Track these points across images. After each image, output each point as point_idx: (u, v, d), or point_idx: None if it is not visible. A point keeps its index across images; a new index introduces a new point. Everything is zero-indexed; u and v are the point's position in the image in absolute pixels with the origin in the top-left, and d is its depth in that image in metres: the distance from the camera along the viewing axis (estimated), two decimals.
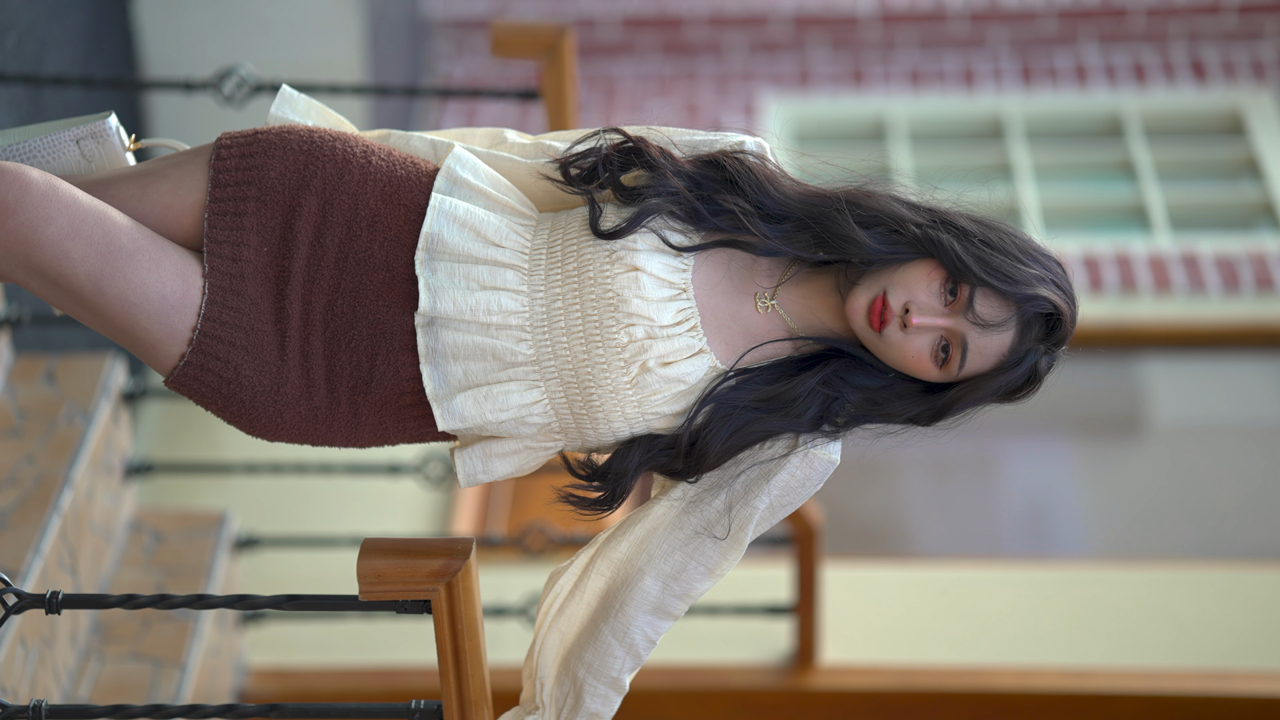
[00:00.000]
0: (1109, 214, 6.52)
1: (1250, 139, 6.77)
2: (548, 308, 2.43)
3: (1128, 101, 6.92)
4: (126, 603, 2.57)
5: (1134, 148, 6.73)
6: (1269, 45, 7.05)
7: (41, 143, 2.52)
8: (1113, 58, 7.07)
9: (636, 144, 2.51)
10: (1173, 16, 7.07)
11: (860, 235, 2.42)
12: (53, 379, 3.85)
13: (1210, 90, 6.95)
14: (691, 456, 2.43)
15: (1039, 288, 2.38)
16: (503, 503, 5.10)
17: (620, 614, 2.50)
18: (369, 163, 2.51)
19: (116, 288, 2.37)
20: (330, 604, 2.58)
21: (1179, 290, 6.00)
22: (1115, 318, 5.93)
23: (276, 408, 2.45)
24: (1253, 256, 6.12)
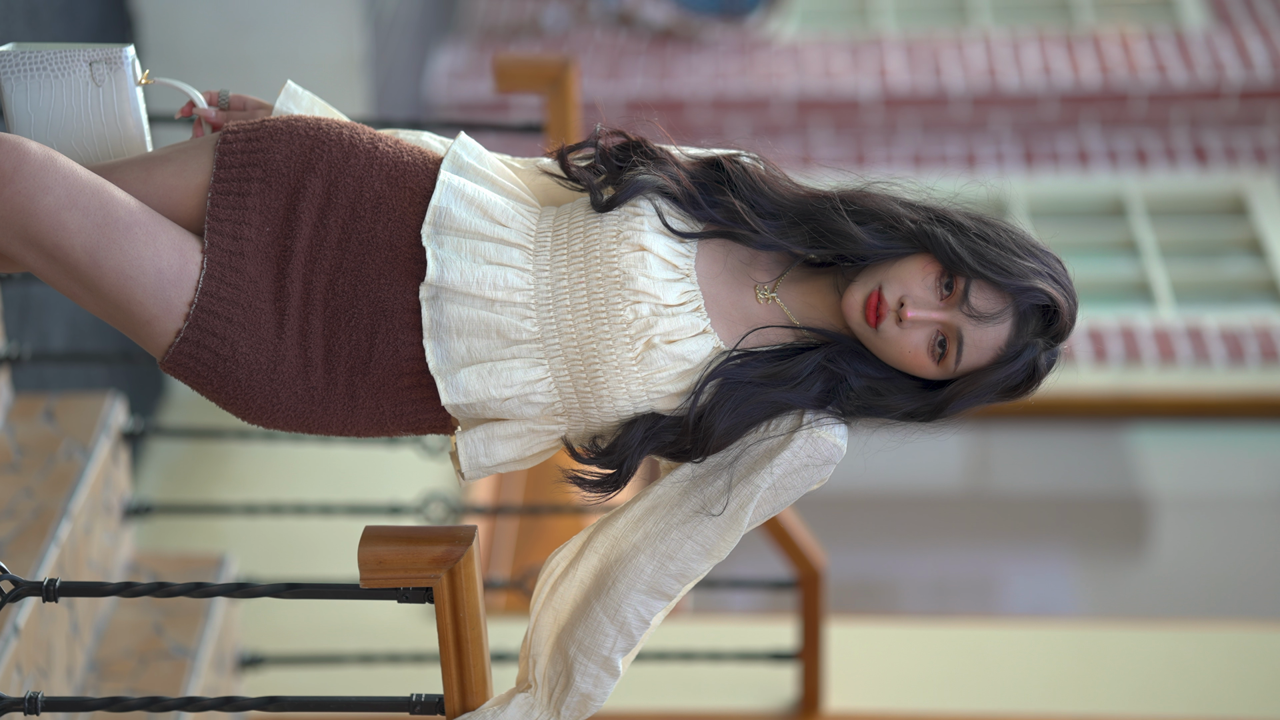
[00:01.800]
0: (1113, 290, 6.52)
1: (1253, 219, 6.78)
2: (553, 286, 2.42)
3: (1130, 184, 6.95)
4: (124, 590, 2.54)
5: (1137, 227, 6.74)
6: (1270, 131, 7.08)
7: (54, 56, 2.49)
8: (1115, 142, 7.11)
9: (636, 141, 2.53)
10: (1174, 102, 7.11)
11: (855, 230, 2.43)
12: (52, 417, 3.82)
13: (1212, 174, 6.97)
14: (698, 433, 2.41)
15: (1035, 280, 2.37)
16: (506, 545, 5.06)
17: (612, 591, 2.46)
18: (375, 148, 2.51)
19: (113, 260, 2.36)
20: (331, 592, 2.54)
21: (1184, 362, 5.99)
22: (1119, 388, 5.91)
23: (273, 387, 2.43)
24: (1258, 330, 6.11)
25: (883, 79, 7.21)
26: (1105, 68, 7.17)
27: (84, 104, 2.51)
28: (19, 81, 2.48)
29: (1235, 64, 7.15)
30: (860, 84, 7.17)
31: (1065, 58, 7.27)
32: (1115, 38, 7.40)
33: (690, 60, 7.39)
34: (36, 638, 3.31)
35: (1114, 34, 7.45)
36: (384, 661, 4.17)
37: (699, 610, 5.16)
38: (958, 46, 7.41)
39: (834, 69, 7.28)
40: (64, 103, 2.50)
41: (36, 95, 2.49)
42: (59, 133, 2.52)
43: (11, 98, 2.49)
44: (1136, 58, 7.23)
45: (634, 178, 2.48)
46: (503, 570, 4.98)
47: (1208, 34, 7.43)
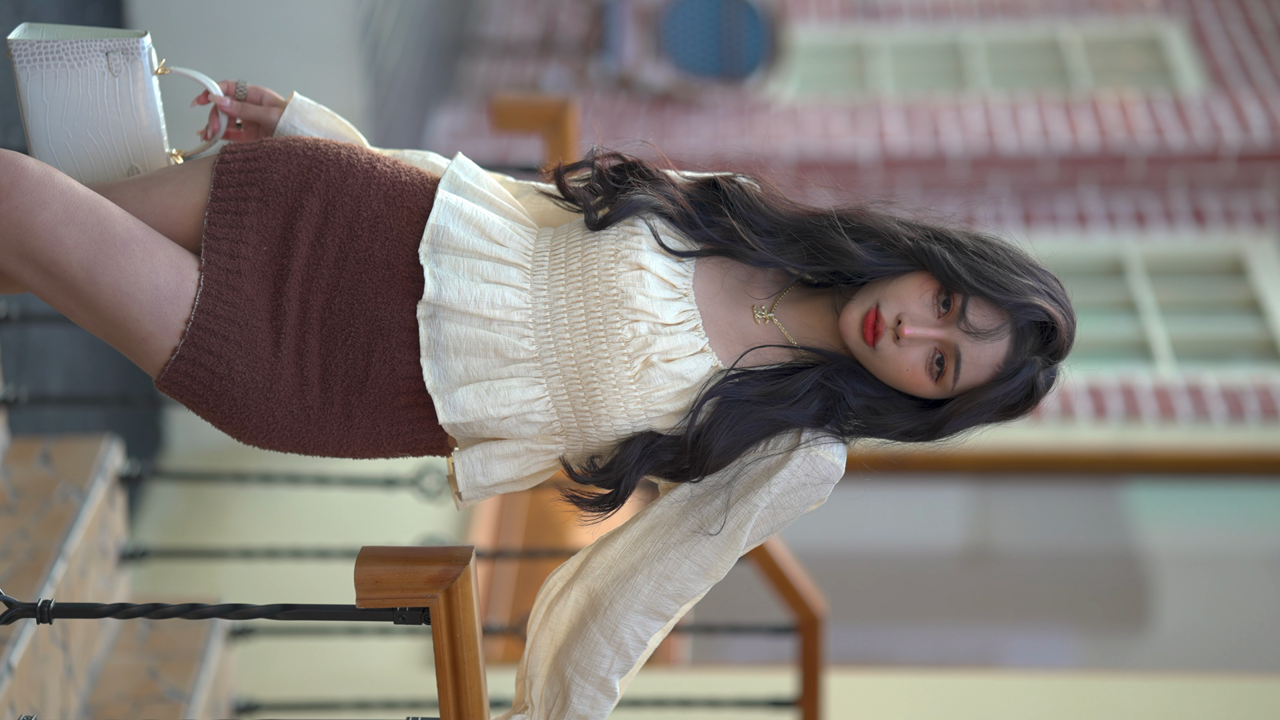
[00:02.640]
0: (1113, 348, 6.52)
1: (1252, 279, 6.79)
2: (551, 305, 2.41)
3: (1129, 245, 6.95)
4: (119, 612, 2.51)
5: (1136, 287, 6.75)
6: (1268, 194, 7.10)
7: (70, 46, 2.46)
8: (1113, 204, 7.12)
9: (633, 162, 2.53)
10: (1172, 165, 7.13)
11: (852, 247, 2.42)
12: (48, 460, 3.81)
13: (1210, 236, 6.98)
14: (695, 452, 2.40)
15: (1032, 297, 2.36)
16: (505, 590, 5.03)
17: (609, 612, 2.44)
18: (373, 168, 2.51)
19: (109, 276, 2.35)
20: (327, 613, 2.52)
21: (1183, 419, 5.97)
22: (1119, 444, 5.89)
23: (268, 406, 2.41)
24: (1258, 388, 6.10)
25: (881, 140, 7.23)
26: (1103, 130, 7.19)
27: (100, 94, 2.49)
28: (34, 70, 2.46)
29: (1233, 127, 7.17)
30: (859, 145, 7.19)
31: (1063, 120, 7.29)
32: (1113, 101, 7.43)
33: (690, 122, 7.41)
34: (30, 677, 3.28)
35: (1111, 98, 7.47)
36: (380, 708, 4.14)
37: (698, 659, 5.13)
38: (956, 109, 7.43)
39: (833, 131, 7.30)
40: (79, 92, 2.48)
41: (52, 85, 2.47)
42: (74, 122, 2.50)
43: (27, 87, 2.47)
44: (1134, 121, 7.25)
45: (629, 197, 2.47)
46: (501, 616, 4.95)
47: (1205, 98, 7.46)
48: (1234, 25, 8.11)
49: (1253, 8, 8.25)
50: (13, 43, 2.44)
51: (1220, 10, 8.24)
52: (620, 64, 7.65)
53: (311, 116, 2.61)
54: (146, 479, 3.96)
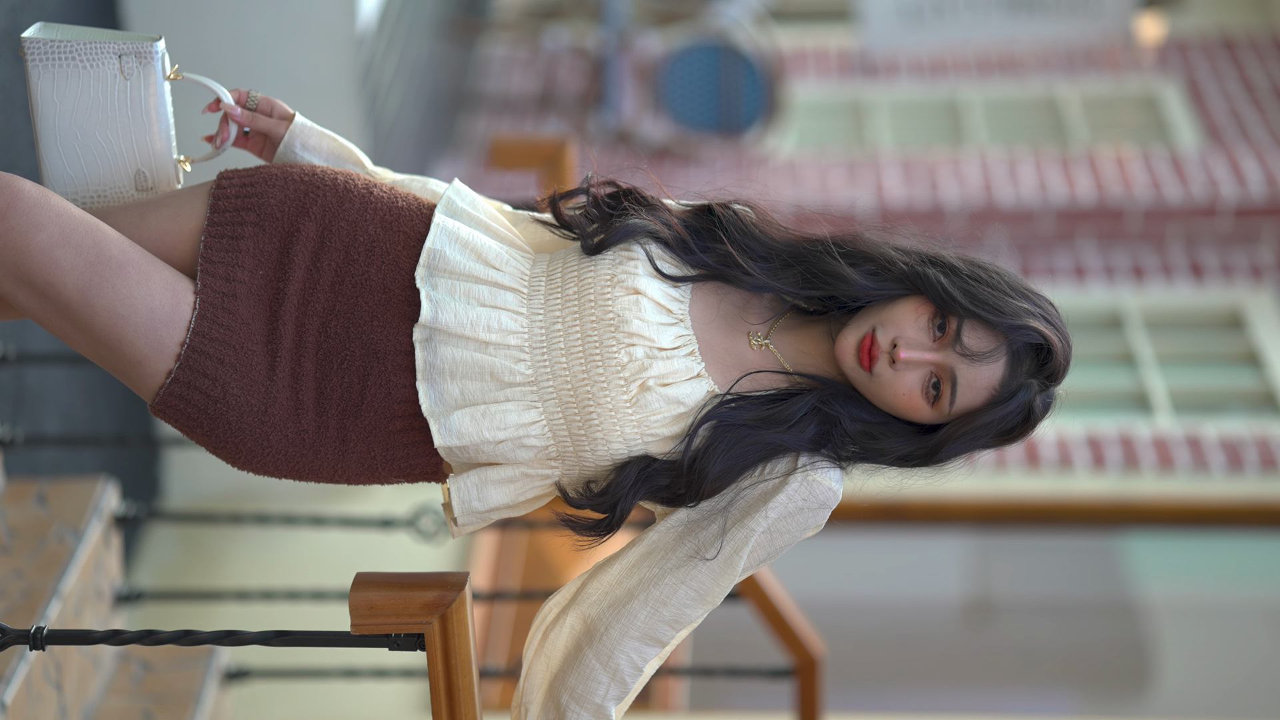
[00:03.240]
0: (1111, 399, 6.51)
1: (1250, 332, 6.78)
2: (547, 330, 2.41)
3: (1127, 298, 6.95)
4: (111, 639, 2.50)
5: (1134, 339, 6.74)
6: (1266, 248, 7.10)
7: (83, 47, 2.46)
8: (1111, 258, 7.12)
9: (628, 189, 2.53)
10: (1169, 219, 7.13)
11: (847, 271, 2.42)
12: (44, 501, 3.80)
13: (1208, 289, 6.98)
14: (691, 476, 2.39)
15: (1028, 319, 2.36)
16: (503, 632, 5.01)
17: (605, 638, 2.43)
18: (370, 194, 2.51)
19: (105, 299, 2.34)
20: (322, 640, 2.51)
21: (1182, 469, 5.96)
22: (1118, 494, 5.88)
23: (263, 430, 2.40)
24: (1257, 439, 6.09)
25: (879, 194, 7.24)
26: (1100, 185, 7.20)
27: (110, 96, 2.48)
28: (46, 69, 2.45)
29: (1230, 181, 7.19)
30: (857, 199, 7.20)
31: (1061, 174, 7.30)
32: (1110, 156, 7.44)
33: (688, 176, 7.43)
34: (24, 716, 3.26)
35: (1109, 153, 7.49)
36: None
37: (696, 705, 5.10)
38: (954, 163, 7.45)
39: (830, 184, 7.32)
40: (90, 94, 2.47)
41: (63, 85, 2.46)
42: (83, 122, 2.49)
43: (38, 85, 2.46)
44: (1131, 175, 7.27)
45: (624, 221, 2.47)
46: (499, 659, 4.93)
47: (1202, 154, 7.47)
48: (1230, 83, 8.14)
49: (1248, 66, 8.27)
50: (26, 40, 2.44)
51: (1216, 69, 8.27)
52: (619, 119, 7.67)
53: (312, 140, 2.61)
54: (144, 521, 3.96)
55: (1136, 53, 8.37)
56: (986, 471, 5.89)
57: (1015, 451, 5.97)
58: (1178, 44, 8.51)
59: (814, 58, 8.56)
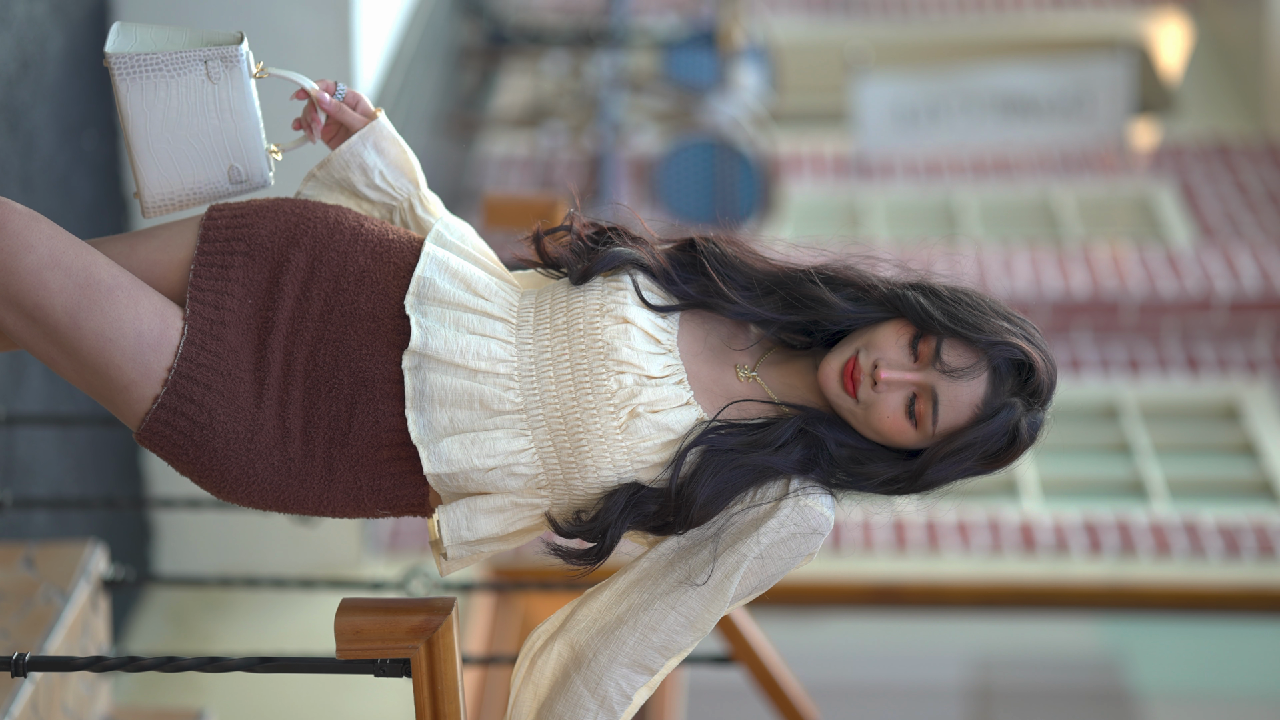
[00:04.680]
0: (1107, 487, 6.49)
1: (1246, 423, 6.77)
2: (536, 359, 2.40)
3: (1123, 390, 6.94)
4: (95, 665, 2.47)
5: (1130, 429, 6.73)
6: (1262, 343, 7.09)
7: (168, 58, 2.44)
8: (1107, 350, 7.12)
9: (613, 227, 2.54)
10: (1164, 313, 7.14)
11: (827, 295, 2.43)
12: (31, 564, 3.77)
13: (1204, 382, 6.97)
14: (680, 501, 2.37)
15: (1007, 337, 2.36)
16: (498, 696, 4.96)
17: (593, 664, 2.40)
18: (360, 226, 2.52)
19: (93, 322, 2.33)
20: (306, 666, 2.48)
21: (1179, 554, 5.93)
22: (1114, 578, 5.84)
23: (249, 458, 2.39)
24: (1255, 526, 6.06)
25: None
26: (1095, 278, 7.21)
27: (199, 101, 2.46)
28: (134, 82, 2.44)
29: (1225, 276, 7.20)
30: None
31: (1055, 268, 7.31)
32: (1105, 251, 7.46)
33: None
34: None
35: (1104, 248, 7.51)
36: None
37: None
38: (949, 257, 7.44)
39: None
40: (179, 101, 2.46)
41: (152, 95, 2.45)
42: (174, 128, 2.48)
43: (127, 98, 2.44)
44: (1126, 269, 7.28)
45: (610, 249, 2.48)
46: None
47: (1196, 249, 7.49)
48: (1224, 186, 8.17)
49: (1242, 170, 8.31)
50: (111, 56, 2.43)
51: (1210, 173, 8.31)
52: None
53: (384, 144, 2.60)
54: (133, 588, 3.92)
55: (1131, 157, 8.41)
56: (982, 555, 5.86)
57: (1011, 535, 5.94)
58: (1172, 148, 8.56)
59: (810, 160, 8.60)
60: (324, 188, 2.62)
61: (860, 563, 5.79)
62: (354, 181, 2.60)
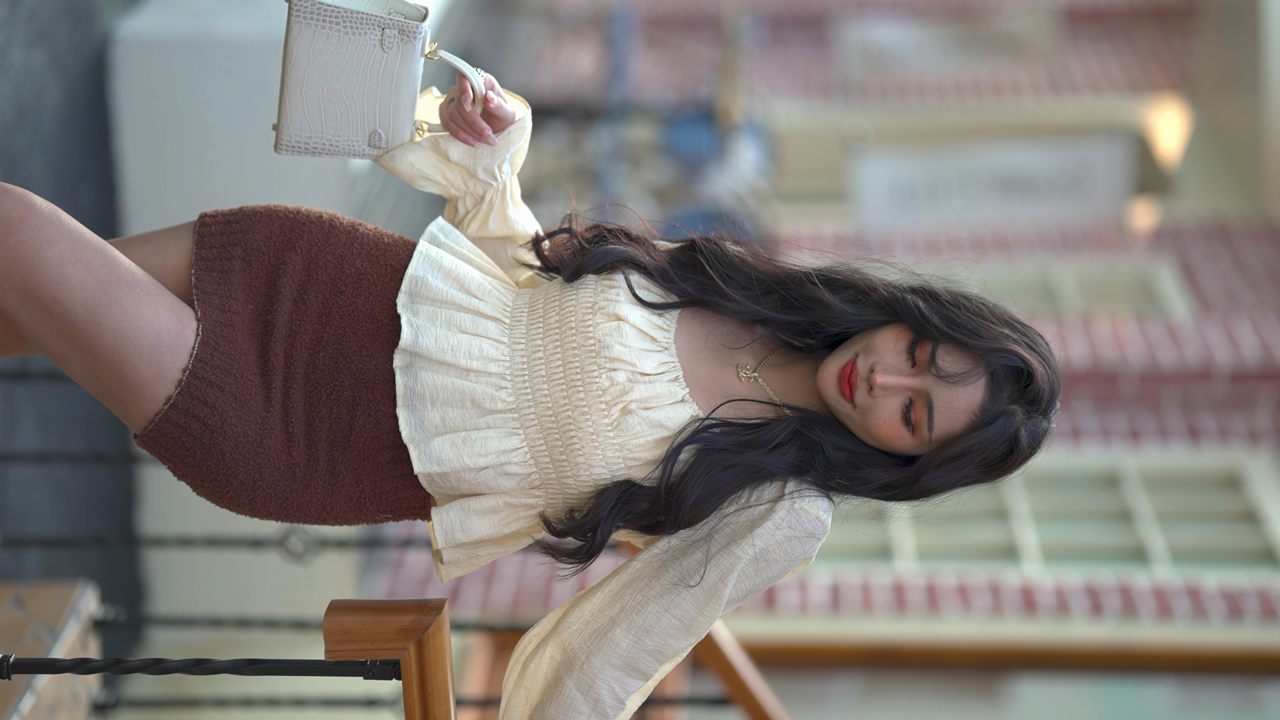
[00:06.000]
0: (1108, 553, 6.45)
1: (1248, 491, 6.73)
2: (528, 358, 2.38)
3: (1124, 459, 6.91)
4: (79, 667, 2.43)
5: (1131, 497, 6.69)
6: (1263, 413, 7.06)
7: (349, 15, 2.42)
8: (1108, 420, 7.09)
9: (616, 232, 2.52)
10: (1165, 383, 7.11)
11: (826, 296, 2.41)
12: (21, 604, 3.73)
13: (1205, 451, 6.93)
14: (670, 499, 2.34)
15: (1006, 344, 2.33)
16: None
17: (586, 666, 2.37)
18: (356, 230, 2.51)
19: (113, 318, 2.30)
20: (294, 668, 2.44)
21: (1181, 617, 5.87)
22: (1115, 640, 5.79)
23: (256, 462, 2.36)
24: (1258, 590, 6.01)
25: None
26: (1095, 348, 7.19)
27: (366, 64, 2.44)
28: (307, 27, 2.42)
29: (1225, 346, 7.18)
30: None
31: (1055, 337, 7.30)
32: (1104, 322, 7.45)
33: None
34: None
35: (1103, 319, 7.49)
36: None
37: None
38: None
39: None
40: (346, 58, 2.44)
41: (322, 44, 2.43)
42: (332, 81, 2.46)
43: (297, 40, 2.42)
44: (1126, 339, 7.26)
45: (603, 246, 2.46)
46: None
47: (1196, 320, 7.48)
48: (1223, 264, 8.17)
49: (1242, 249, 8.31)
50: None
51: (1210, 251, 8.31)
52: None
53: (524, 142, 2.58)
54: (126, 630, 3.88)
55: (1130, 235, 8.42)
56: (983, 616, 5.82)
57: (1012, 597, 5.90)
58: (1171, 228, 8.56)
59: (809, 238, 8.61)
60: (427, 146, 2.57)
61: (860, 623, 5.74)
62: (478, 159, 2.56)
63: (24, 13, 4.16)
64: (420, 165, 2.55)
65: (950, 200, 8.03)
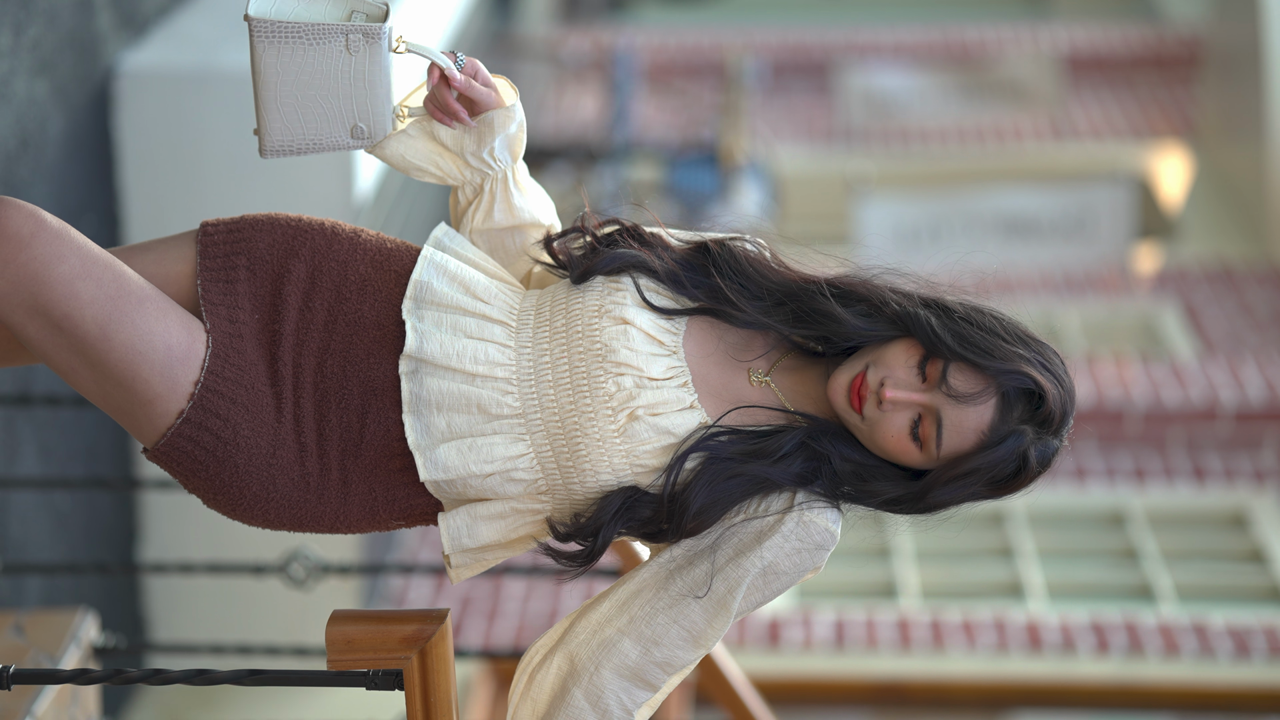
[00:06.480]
0: (1114, 591, 6.41)
1: (1254, 530, 6.70)
2: (535, 363, 2.36)
3: (1129, 498, 6.88)
4: (79, 678, 2.41)
5: (1137, 536, 6.66)
6: (1269, 453, 7.03)
7: (309, 28, 2.40)
8: (1113, 460, 7.05)
9: (629, 229, 2.50)
10: (1170, 423, 7.08)
11: (838, 311, 2.38)
12: (21, 631, 3.71)
13: (1210, 491, 6.90)
14: (673, 507, 2.32)
15: (1019, 364, 2.30)
16: None
17: (595, 676, 2.34)
18: (358, 236, 2.49)
19: (124, 333, 2.28)
20: (296, 679, 2.41)
21: (1188, 655, 5.83)
22: (1121, 677, 5.75)
23: (270, 473, 2.34)
24: (1265, 628, 5.97)
25: None
26: (1099, 388, 7.17)
27: (334, 68, 2.43)
28: (270, 45, 2.40)
29: (1230, 386, 7.16)
30: None
31: None
32: (1108, 360, 7.43)
33: None
34: None
35: (1107, 359, 7.47)
36: None
37: None
38: None
39: None
40: (314, 67, 2.42)
41: (288, 58, 2.41)
42: (305, 88, 2.44)
43: (263, 58, 2.41)
44: (1130, 379, 7.24)
45: (613, 250, 2.44)
46: None
47: (1201, 360, 7.46)
48: (1228, 307, 8.15)
49: (1247, 291, 8.30)
50: (253, 19, 2.40)
51: (1215, 294, 8.29)
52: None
53: (514, 128, 2.55)
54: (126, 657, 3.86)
55: (1133, 278, 8.40)
56: (988, 653, 5.78)
57: (1017, 634, 5.86)
58: (1175, 271, 8.55)
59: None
60: (419, 135, 2.55)
61: (864, 660, 5.71)
62: (464, 147, 2.53)
63: (28, 43, 4.15)
64: (411, 155, 2.53)
65: (953, 242, 8.02)
